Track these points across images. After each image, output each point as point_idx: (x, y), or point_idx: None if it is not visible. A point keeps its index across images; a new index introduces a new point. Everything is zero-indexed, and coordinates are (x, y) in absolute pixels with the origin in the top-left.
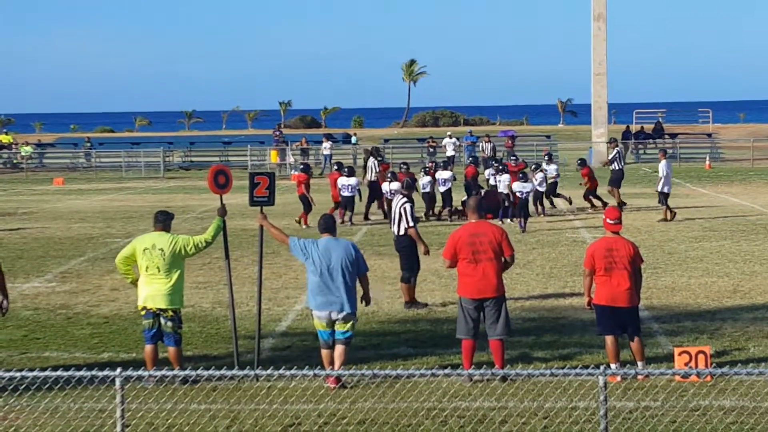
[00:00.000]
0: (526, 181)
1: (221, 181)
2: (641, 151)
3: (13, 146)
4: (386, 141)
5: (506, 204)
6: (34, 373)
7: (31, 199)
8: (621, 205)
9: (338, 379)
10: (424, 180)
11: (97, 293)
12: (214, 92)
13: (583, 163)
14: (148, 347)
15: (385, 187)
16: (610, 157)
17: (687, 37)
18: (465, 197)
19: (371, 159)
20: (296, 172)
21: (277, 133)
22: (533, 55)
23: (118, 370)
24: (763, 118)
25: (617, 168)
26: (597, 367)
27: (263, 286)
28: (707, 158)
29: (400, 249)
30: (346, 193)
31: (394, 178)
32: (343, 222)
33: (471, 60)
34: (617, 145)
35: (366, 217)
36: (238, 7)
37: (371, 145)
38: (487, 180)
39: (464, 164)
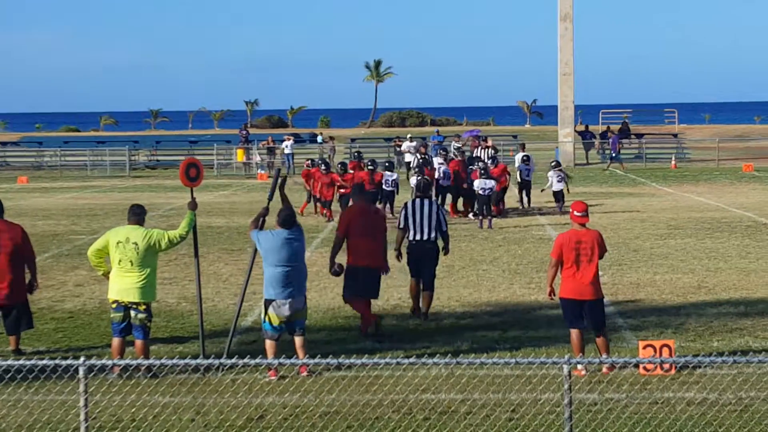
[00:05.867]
0: (488, 179)
1: (192, 174)
2: (607, 152)
3: None
4: (353, 141)
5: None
6: None
7: None
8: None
9: (310, 369)
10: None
11: (61, 289)
12: (180, 92)
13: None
14: (116, 340)
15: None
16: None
17: (653, 39)
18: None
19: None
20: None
21: (243, 132)
22: (500, 56)
23: (82, 359)
24: (727, 119)
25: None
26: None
27: (229, 283)
28: (673, 158)
29: (434, 254)
30: (386, 188)
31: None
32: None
33: (438, 61)
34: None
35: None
36: (205, 6)
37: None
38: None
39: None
